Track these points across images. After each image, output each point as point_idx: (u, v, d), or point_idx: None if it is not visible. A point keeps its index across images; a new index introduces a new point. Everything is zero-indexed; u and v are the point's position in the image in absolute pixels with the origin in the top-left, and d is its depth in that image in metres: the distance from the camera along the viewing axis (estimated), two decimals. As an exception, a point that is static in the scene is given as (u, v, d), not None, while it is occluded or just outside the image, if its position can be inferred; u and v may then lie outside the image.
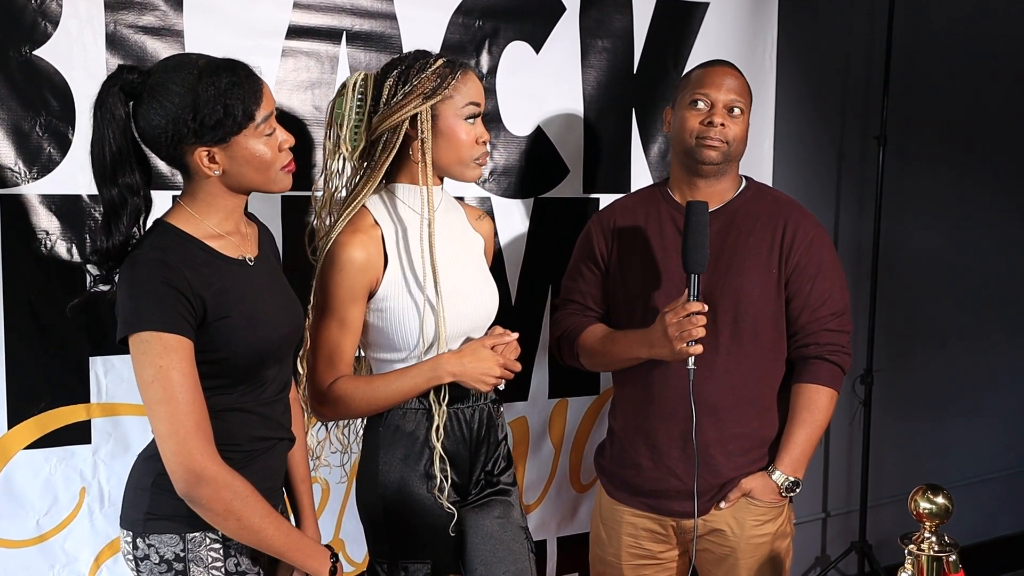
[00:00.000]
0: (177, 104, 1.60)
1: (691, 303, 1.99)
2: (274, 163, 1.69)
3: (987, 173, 4.01)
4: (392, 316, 1.92)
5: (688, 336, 1.98)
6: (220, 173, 1.66)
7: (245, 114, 1.63)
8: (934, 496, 1.57)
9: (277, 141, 1.70)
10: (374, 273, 1.91)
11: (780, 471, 2.16)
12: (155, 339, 1.58)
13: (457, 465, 1.97)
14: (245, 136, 1.65)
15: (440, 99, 1.89)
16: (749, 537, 2.17)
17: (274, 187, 1.72)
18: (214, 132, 1.62)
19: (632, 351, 2.13)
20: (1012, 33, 3.97)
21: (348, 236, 1.90)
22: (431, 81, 1.88)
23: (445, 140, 1.91)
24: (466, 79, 1.92)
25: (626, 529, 2.24)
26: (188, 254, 1.65)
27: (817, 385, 2.16)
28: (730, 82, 2.17)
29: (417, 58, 1.93)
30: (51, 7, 2.05)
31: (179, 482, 1.60)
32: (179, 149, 1.64)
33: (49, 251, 2.10)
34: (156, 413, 1.59)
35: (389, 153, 1.91)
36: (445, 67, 1.90)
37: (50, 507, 2.15)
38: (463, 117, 1.91)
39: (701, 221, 2.00)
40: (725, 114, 2.14)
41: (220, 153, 1.65)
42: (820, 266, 2.17)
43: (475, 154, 1.94)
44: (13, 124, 2.05)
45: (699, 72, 2.21)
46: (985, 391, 4.16)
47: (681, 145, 2.18)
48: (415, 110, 1.88)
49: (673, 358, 2.04)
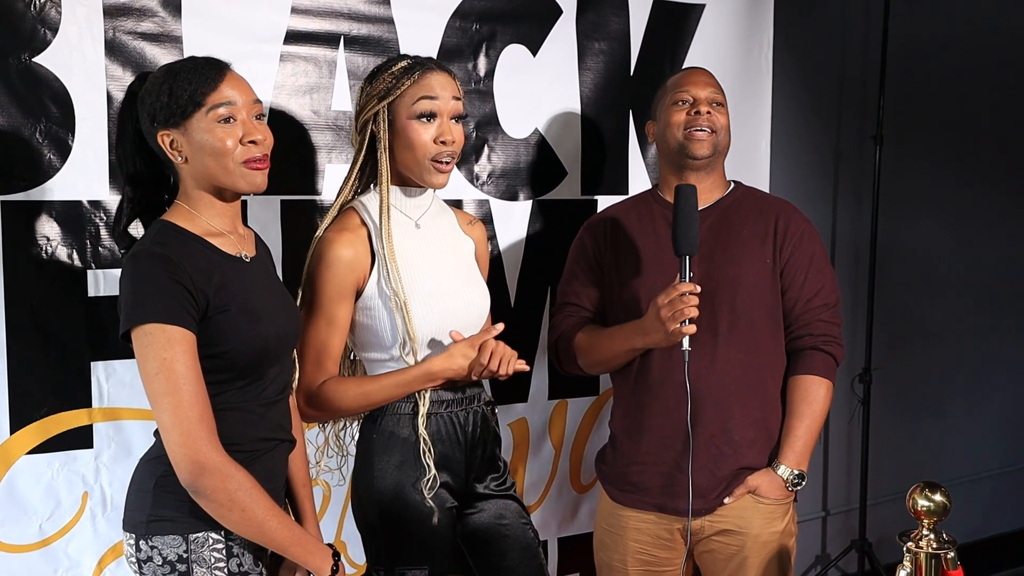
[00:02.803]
0: (147, 93, 1.71)
1: (682, 283, 1.98)
2: (230, 153, 1.69)
3: (983, 171, 4.02)
4: (379, 314, 1.93)
5: (680, 316, 1.96)
6: (183, 160, 1.71)
7: (192, 98, 1.67)
8: (932, 494, 1.57)
9: (237, 133, 1.70)
10: (361, 271, 1.93)
11: (784, 465, 2.17)
12: (159, 331, 1.59)
13: (452, 468, 1.98)
14: (196, 120, 1.68)
15: (393, 98, 1.92)
16: (758, 536, 2.17)
17: (239, 181, 1.71)
18: (162, 113, 1.68)
19: (628, 342, 2.13)
20: (1008, 33, 3.99)
21: (335, 234, 1.92)
22: (386, 81, 1.92)
23: (400, 140, 1.93)
24: (425, 77, 1.92)
25: (632, 535, 2.24)
26: (188, 249, 1.67)
27: (814, 376, 2.18)
28: (707, 80, 2.25)
29: (390, 60, 1.97)
30: (50, 14, 2.06)
31: (183, 472, 1.61)
32: (152, 137, 1.71)
33: (50, 257, 2.11)
34: (160, 405, 1.60)
35: (359, 153, 1.96)
36: (404, 68, 1.93)
37: (53, 512, 2.16)
38: (414, 115, 1.91)
39: (690, 202, 2.00)
40: (708, 106, 2.19)
41: (179, 138, 1.70)
42: (812, 258, 2.21)
43: (431, 154, 1.92)
44: (13, 131, 2.05)
45: (676, 78, 2.29)
46: (983, 389, 4.17)
47: (669, 143, 2.21)
48: (373, 111, 1.92)
49: (668, 342, 2.02)
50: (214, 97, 1.68)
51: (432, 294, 1.95)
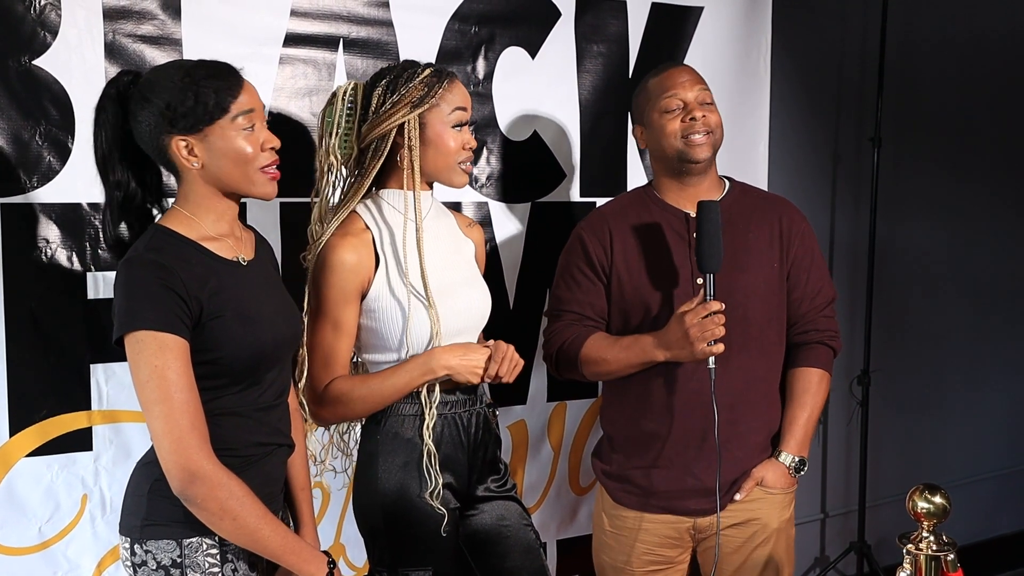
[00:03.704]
0: (158, 96, 1.66)
1: (710, 303, 2.00)
2: (253, 160, 1.70)
3: (981, 173, 4.02)
4: (384, 316, 1.94)
5: (710, 336, 2.00)
6: (199, 166, 1.69)
7: (218, 104, 1.67)
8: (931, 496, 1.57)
9: (259, 139, 1.71)
10: (365, 275, 1.93)
11: (787, 452, 2.20)
12: (150, 338, 1.59)
13: (455, 470, 1.98)
14: (220, 127, 1.67)
15: (427, 107, 1.93)
16: (767, 525, 2.19)
17: (256, 189, 1.73)
18: (186, 120, 1.66)
19: (646, 355, 2.12)
20: (1005, 35, 3.99)
21: (339, 239, 1.93)
22: (419, 90, 1.93)
23: (433, 147, 1.95)
24: (453, 87, 1.97)
25: (638, 536, 2.23)
26: (183, 255, 1.67)
27: (816, 368, 2.22)
28: (691, 78, 2.20)
29: (406, 67, 1.97)
30: (50, 17, 2.06)
31: (175, 481, 1.60)
32: (161, 141, 1.67)
33: (50, 259, 2.11)
34: (152, 412, 1.60)
35: (377, 161, 1.95)
36: (432, 76, 1.95)
37: (52, 514, 2.15)
38: (450, 124, 1.95)
39: (714, 220, 2.02)
40: (700, 107, 2.16)
41: (198, 144, 1.68)
42: (813, 257, 2.25)
43: (461, 158, 1.98)
44: (13, 133, 2.05)
45: (657, 80, 2.22)
46: (982, 390, 4.17)
47: (667, 151, 2.18)
48: (403, 119, 1.92)
49: (693, 359, 2.04)
50: (238, 104, 1.68)
51: (440, 293, 1.95)
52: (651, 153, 2.27)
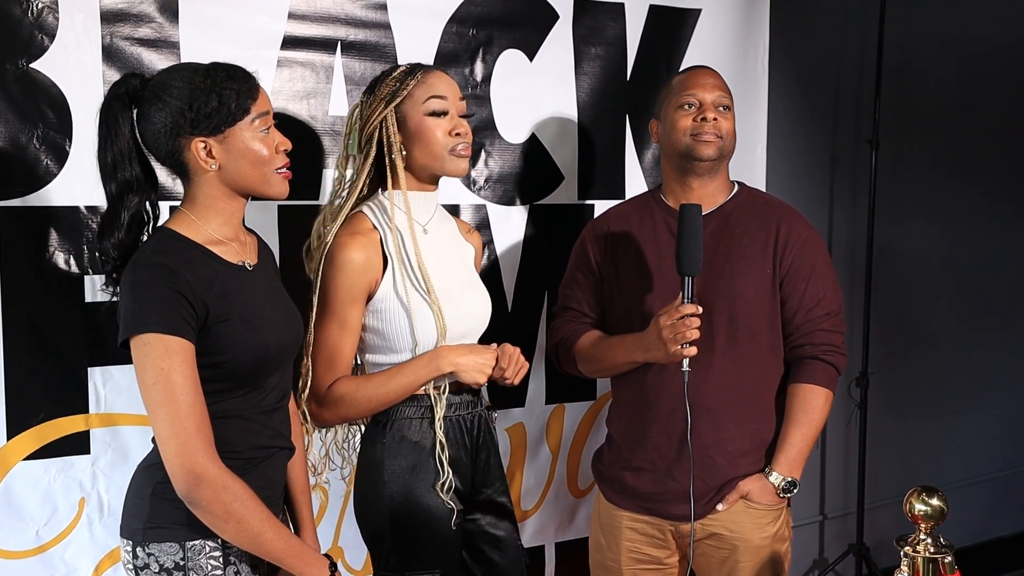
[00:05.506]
0: (175, 97, 1.65)
1: (684, 305, 2.00)
2: (270, 161, 1.72)
3: (979, 175, 4.03)
4: (391, 318, 1.94)
5: (682, 338, 1.99)
6: (217, 168, 1.69)
7: (240, 106, 1.67)
8: (929, 498, 1.57)
9: (274, 141, 1.73)
10: (373, 274, 1.93)
11: (777, 472, 2.16)
12: (157, 341, 1.59)
13: (459, 471, 1.98)
14: (240, 129, 1.68)
15: (400, 100, 1.94)
16: (748, 540, 2.17)
17: (270, 189, 1.74)
18: (209, 121, 1.66)
19: (628, 355, 2.15)
20: (1003, 38, 4.00)
21: (347, 238, 1.93)
22: (390, 86, 1.95)
23: (417, 139, 1.96)
24: (427, 77, 1.96)
25: (625, 534, 2.25)
26: (189, 258, 1.67)
27: (812, 385, 2.17)
28: (715, 82, 2.22)
29: (392, 69, 2.00)
30: (48, 20, 2.06)
31: (179, 483, 1.60)
32: (177, 143, 1.67)
33: (47, 262, 2.10)
34: (157, 415, 1.60)
35: (367, 161, 1.97)
36: (405, 71, 1.97)
37: (49, 518, 2.15)
38: (426, 113, 1.95)
39: (694, 223, 2.01)
40: (715, 111, 2.17)
41: (217, 146, 1.68)
42: (814, 267, 2.19)
43: (450, 145, 1.96)
44: (10, 136, 2.05)
45: (682, 77, 2.25)
46: (980, 392, 4.17)
47: (675, 147, 2.19)
48: (381, 116, 1.94)
49: (668, 360, 2.05)
50: (257, 106, 1.70)
51: (442, 296, 1.95)
52: (662, 150, 2.28)
